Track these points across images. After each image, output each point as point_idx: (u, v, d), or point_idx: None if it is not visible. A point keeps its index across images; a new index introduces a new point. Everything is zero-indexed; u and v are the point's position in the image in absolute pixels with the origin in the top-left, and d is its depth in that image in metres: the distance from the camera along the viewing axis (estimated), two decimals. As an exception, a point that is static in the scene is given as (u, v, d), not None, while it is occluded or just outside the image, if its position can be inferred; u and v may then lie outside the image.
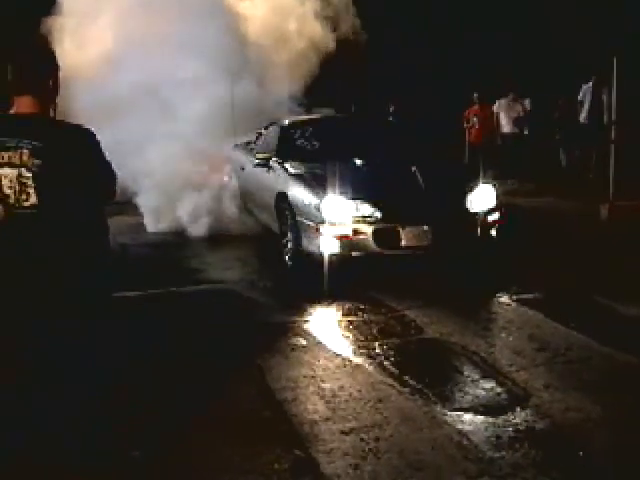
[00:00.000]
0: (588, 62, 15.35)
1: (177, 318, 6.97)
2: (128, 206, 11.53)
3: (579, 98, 15.58)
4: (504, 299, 7.23)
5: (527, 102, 16.98)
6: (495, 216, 8.14)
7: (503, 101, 16.93)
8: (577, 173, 15.21)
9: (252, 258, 9.37)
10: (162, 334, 6.40)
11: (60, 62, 3.73)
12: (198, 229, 10.73)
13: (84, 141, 3.59)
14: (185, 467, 4.22)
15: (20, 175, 3.47)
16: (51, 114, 3.68)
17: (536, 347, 5.92)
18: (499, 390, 5.14)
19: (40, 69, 3.62)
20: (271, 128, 10.70)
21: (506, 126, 16.88)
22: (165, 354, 5.90)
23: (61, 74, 3.72)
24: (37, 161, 3.43)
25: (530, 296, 7.24)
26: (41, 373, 3.75)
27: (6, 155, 3.47)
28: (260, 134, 11.13)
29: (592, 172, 14.61)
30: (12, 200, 3.52)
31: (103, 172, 3.74)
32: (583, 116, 15.49)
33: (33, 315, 3.70)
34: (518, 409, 4.81)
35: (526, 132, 16.99)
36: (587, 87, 15.40)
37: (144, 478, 4.14)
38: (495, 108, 17.16)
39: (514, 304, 7.08)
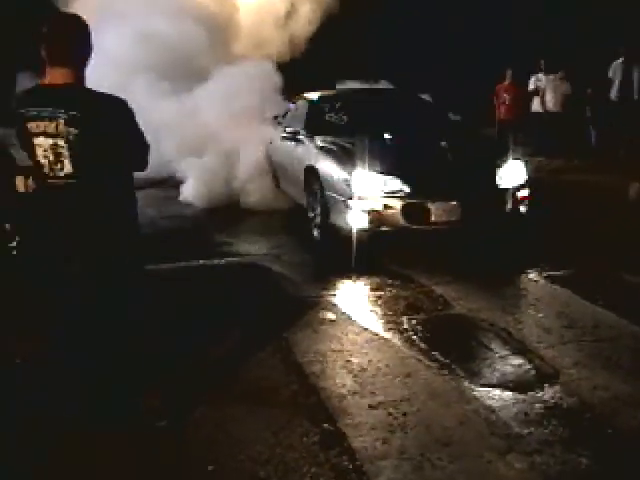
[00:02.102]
0: (619, 37, 15.15)
1: (205, 291, 7.01)
2: (160, 179, 11.59)
3: (609, 75, 15.38)
4: (533, 276, 7.21)
5: (569, 85, 16.56)
6: (525, 192, 8.09)
7: (550, 77, 16.57)
8: (607, 151, 15.05)
9: (279, 232, 9.37)
10: (190, 307, 6.45)
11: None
12: (226, 202, 10.74)
13: (118, 110, 3.63)
14: (213, 439, 4.26)
15: (55, 145, 3.50)
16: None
17: (565, 324, 5.91)
18: (527, 367, 5.14)
19: (73, 39, 3.64)
20: (300, 102, 10.68)
21: (551, 103, 16.56)
22: (192, 327, 5.94)
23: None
24: (73, 130, 3.46)
25: (559, 273, 7.22)
26: (75, 341, 3.81)
27: (42, 124, 3.51)
28: (288, 108, 11.11)
29: (623, 150, 14.44)
30: (46, 169, 3.56)
31: (136, 142, 3.78)
32: (614, 93, 15.31)
33: (66, 285, 3.76)
34: (546, 386, 4.81)
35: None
36: (617, 64, 15.19)
37: (173, 449, 4.17)
38: (533, 83, 16.88)
39: (543, 281, 7.06)
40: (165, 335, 5.51)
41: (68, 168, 3.52)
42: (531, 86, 16.88)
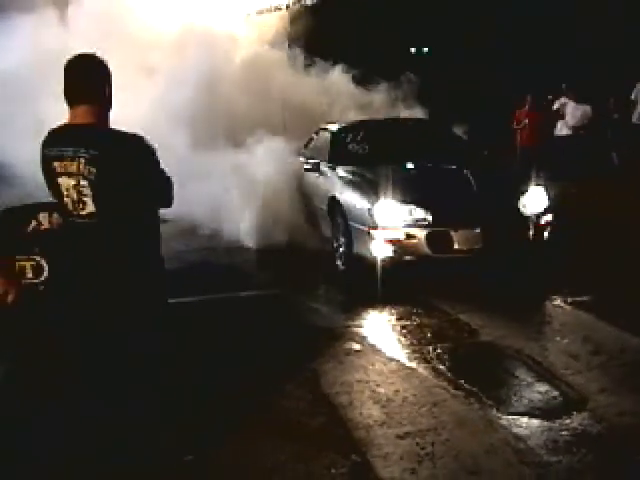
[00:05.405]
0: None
1: (231, 323, 7.02)
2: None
3: (632, 97, 15.33)
4: (557, 302, 7.20)
5: (588, 108, 16.48)
6: (547, 218, 8.10)
7: (571, 102, 16.44)
8: (629, 174, 14.92)
9: (304, 263, 9.36)
10: (216, 339, 6.48)
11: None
12: (249, 235, 10.73)
13: (140, 149, 3.64)
14: (242, 471, 4.30)
15: (77, 184, 3.54)
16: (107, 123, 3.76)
17: (591, 350, 5.90)
18: (554, 394, 5.13)
19: (89, 78, 3.69)
20: (322, 133, 10.75)
21: (573, 126, 16.41)
22: (220, 359, 5.97)
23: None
24: (93, 170, 3.50)
25: (584, 299, 7.20)
26: (101, 376, 3.84)
27: (64, 164, 3.55)
28: (311, 139, 11.17)
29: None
30: (70, 208, 3.61)
31: (158, 179, 3.80)
32: (636, 116, 15.25)
33: (87, 320, 3.80)
34: (574, 413, 4.81)
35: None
36: (640, 86, 15.15)
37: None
38: (557, 106, 16.75)
39: (567, 307, 7.05)
40: (192, 367, 5.56)
41: (90, 207, 3.55)
42: (555, 107, 16.71)
